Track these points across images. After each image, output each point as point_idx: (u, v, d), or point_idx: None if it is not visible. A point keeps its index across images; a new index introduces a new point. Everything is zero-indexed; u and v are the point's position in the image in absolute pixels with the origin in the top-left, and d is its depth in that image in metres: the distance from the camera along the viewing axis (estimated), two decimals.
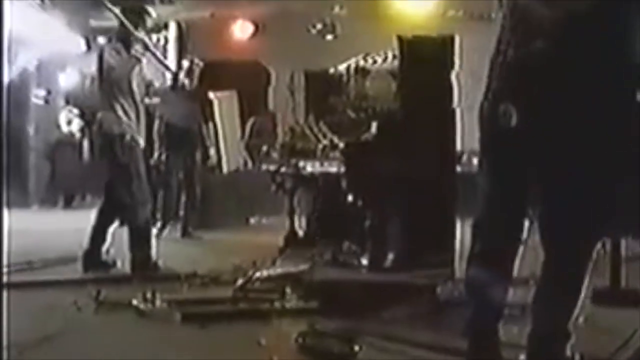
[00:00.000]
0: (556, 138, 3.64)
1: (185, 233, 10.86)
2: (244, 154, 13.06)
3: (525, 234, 3.93)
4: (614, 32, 3.53)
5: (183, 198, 11.06)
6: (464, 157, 9.39)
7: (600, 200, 3.70)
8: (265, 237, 9.78)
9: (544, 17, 3.56)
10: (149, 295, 6.13)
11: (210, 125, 11.29)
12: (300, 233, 8.73)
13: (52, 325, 5.52)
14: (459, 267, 6.64)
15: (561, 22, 3.54)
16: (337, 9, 15.05)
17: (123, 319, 5.86)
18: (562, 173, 3.71)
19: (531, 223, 3.97)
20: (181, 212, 11.01)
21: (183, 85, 10.29)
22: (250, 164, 13.00)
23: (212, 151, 11.34)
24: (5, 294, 5.90)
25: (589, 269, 3.83)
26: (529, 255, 4.08)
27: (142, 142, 7.70)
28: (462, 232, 6.82)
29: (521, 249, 3.93)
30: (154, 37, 12.25)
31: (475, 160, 5.57)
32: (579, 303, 3.85)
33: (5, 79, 15.45)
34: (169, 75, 8.87)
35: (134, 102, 7.57)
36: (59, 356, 4.81)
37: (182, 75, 8.64)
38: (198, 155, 11.21)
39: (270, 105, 15.43)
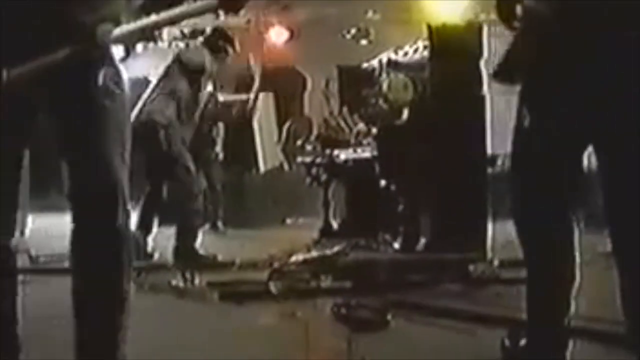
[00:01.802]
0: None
1: (214, 227, 11.05)
2: (280, 156, 13.24)
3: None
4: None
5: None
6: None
7: None
8: (301, 233, 9.90)
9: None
10: (188, 276, 6.32)
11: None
12: (335, 225, 8.86)
13: None
14: (491, 250, 6.79)
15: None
16: (370, 13, 15.16)
17: (162, 297, 6.03)
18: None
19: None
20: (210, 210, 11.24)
21: None
22: (286, 166, 13.18)
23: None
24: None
25: None
26: None
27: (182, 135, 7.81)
28: (494, 215, 6.95)
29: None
30: (191, 43, 12.43)
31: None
32: None
33: None
34: None
35: (173, 99, 7.72)
36: None
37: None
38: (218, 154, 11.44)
39: (306, 110, 15.60)
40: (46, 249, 7.90)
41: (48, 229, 10.03)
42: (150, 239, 7.81)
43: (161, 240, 7.90)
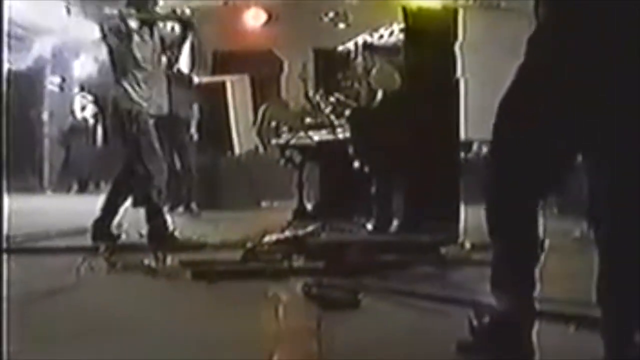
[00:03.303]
0: None
1: (188, 210, 11.10)
2: (256, 139, 13.24)
3: None
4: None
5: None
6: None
7: None
8: (275, 215, 9.90)
9: None
10: (160, 256, 6.31)
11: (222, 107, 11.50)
12: (309, 207, 8.88)
13: (65, 280, 5.68)
14: (463, 233, 6.84)
15: None
16: None
17: (134, 276, 6.01)
18: None
19: None
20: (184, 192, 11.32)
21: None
22: (261, 149, 13.18)
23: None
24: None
25: None
26: None
27: (152, 111, 7.74)
28: (467, 197, 6.98)
29: None
30: (168, 24, 12.34)
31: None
32: None
33: (22, 66, 15.70)
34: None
35: (142, 72, 7.64)
36: (71, 305, 4.95)
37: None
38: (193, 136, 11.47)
39: (283, 93, 15.59)
40: (22, 229, 7.89)
41: (24, 210, 10.06)
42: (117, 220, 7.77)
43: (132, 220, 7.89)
